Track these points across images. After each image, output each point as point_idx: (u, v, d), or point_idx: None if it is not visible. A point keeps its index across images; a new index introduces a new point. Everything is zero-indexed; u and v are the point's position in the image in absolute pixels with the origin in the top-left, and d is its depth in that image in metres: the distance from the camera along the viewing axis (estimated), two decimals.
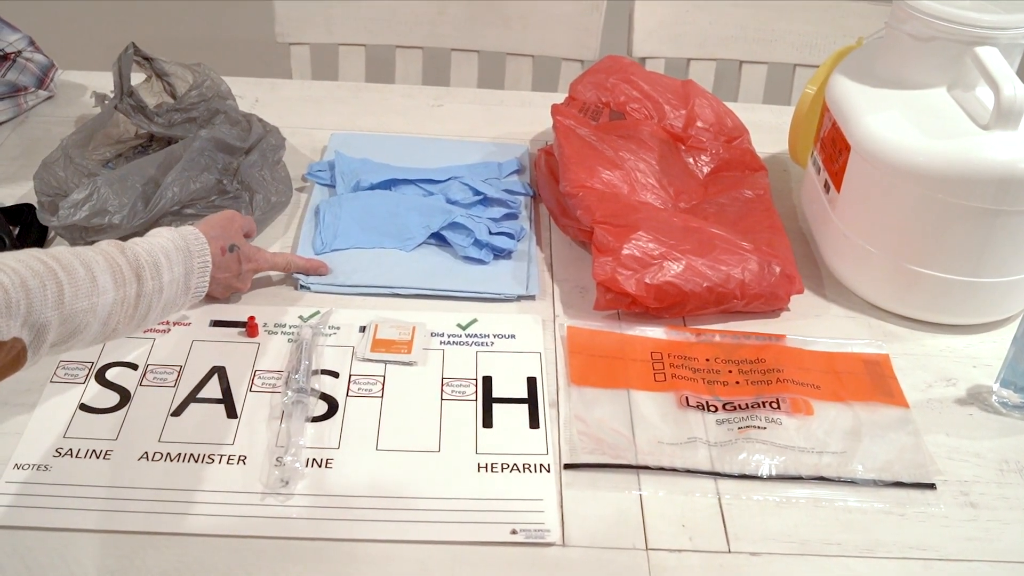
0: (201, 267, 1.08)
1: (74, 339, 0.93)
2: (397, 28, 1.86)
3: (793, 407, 1.08)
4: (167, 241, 1.04)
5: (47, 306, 0.87)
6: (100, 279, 0.94)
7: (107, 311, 0.94)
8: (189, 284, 1.06)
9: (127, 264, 0.97)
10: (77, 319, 0.91)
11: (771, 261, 1.20)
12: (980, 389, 1.14)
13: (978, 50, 1.14)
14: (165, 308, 1.03)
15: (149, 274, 0.99)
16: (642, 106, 1.43)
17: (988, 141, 1.12)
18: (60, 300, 0.89)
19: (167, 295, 1.02)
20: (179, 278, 1.04)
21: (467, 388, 1.09)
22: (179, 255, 1.04)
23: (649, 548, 0.94)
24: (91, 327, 0.93)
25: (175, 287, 1.03)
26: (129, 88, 1.36)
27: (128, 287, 0.97)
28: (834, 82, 1.29)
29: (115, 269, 0.96)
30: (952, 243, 1.16)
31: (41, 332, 0.87)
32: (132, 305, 0.97)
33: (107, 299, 0.94)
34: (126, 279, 0.97)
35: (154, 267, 1.00)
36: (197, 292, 1.09)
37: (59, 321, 0.89)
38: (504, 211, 1.34)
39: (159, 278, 1.00)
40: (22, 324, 0.86)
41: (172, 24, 2.60)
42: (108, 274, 0.95)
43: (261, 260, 1.21)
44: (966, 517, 0.99)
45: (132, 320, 0.99)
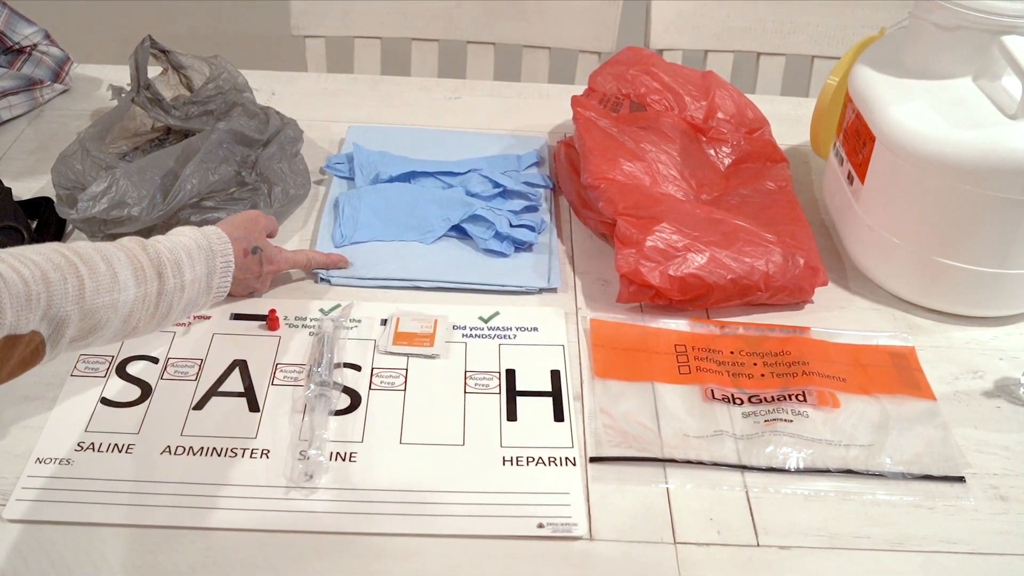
0: (224, 267, 1.06)
1: (94, 335, 0.92)
2: (413, 21, 1.85)
3: (819, 400, 1.07)
4: (190, 240, 1.03)
5: (67, 300, 0.86)
6: (121, 275, 0.92)
7: (128, 308, 0.93)
8: (211, 284, 1.05)
9: (148, 262, 0.96)
10: (97, 315, 0.90)
11: (795, 253, 1.19)
12: (1007, 382, 1.13)
13: (1004, 39, 1.13)
14: (186, 307, 1.02)
15: (171, 272, 0.98)
16: (662, 97, 1.41)
17: (1016, 131, 1.10)
18: (81, 295, 0.88)
19: (188, 294, 1.01)
20: (201, 277, 1.03)
21: (490, 381, 1.08)
22: (202, 254, 1.03)
23: (677, 542, 0.93)
24: (111, 323, 0.92)
25: (197, 286, 1.02)
26: (146, 81, 1.35)
27: (149, 284, 0.96)
28: (857, 73, 1.28)
29: (136, 266, 0.95)
30: (979, 234, 1.15)
31: (60, 326, 0.87)
32: (153, 303, 0.96)
33: (128, 296, 0.93)
34: (147, 276, 0.95)
35: (176, 265, 0.99)
36: (219, 292, 1.07)
37: (79, 316, 0.88)
38: (524, 203, 1.33)
39: (181, 276, 0.99)
40: (41, 317, 0.85)
41: (187, 18, 2.59)
42: (129, 271, 0.94)
43: (282, 261, 1.19)
44: (996, 511, 0.98)
45: (153, 318, 0.98)
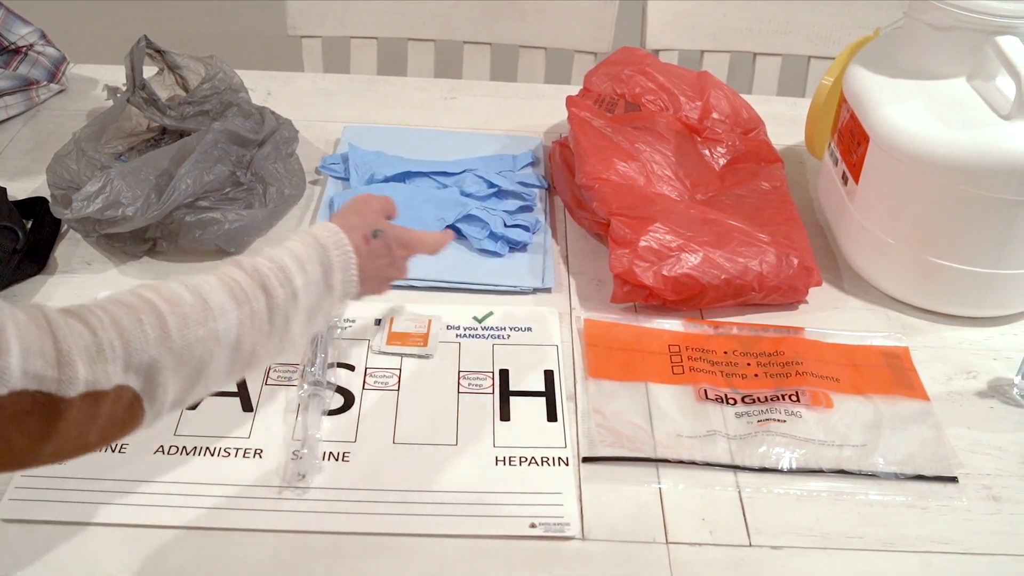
0: (342, 260, 0.94)
1: (203, 376, 0.81)
2: (409, 21, 1.85)
3: (813, 400, 1.07)
4: (295, 244, 0.93)
5: (148, 343, 0.76)
6: (214, 301, 0.82)
7: (234, 335, 0.82)
8: (331, 282, 0.93)
9: (247, 278, 0.86)
10: (195, 351, 0.79)
11: (789, 253, 1.19)
12: (1001, 382, 1.13)
13: (998, 39, 1.13)
14: (310, 315, 0.90)
15: (277, 282, 0.87)
16: (657, 97, 1.42)
17: (1009, 131, 1.10)
18: (165, 334, 0.77)
19: (305, 300, 0.89)
20: (316, 279, 0.91)
21: (484, 381, 1.09)
22: (311, 252, 0.92)
23: (670, 542, 0.93)
24: (218, 357, 0.81)
25: (314, 289, 0.91)
26: (141, 81, 1.35)
27: (254, 302, 0.84)
28: (852, 73, 1.28)
29: (232, 287, 0.84)
30: (973, 234, 1.15)
31: (152, 374, 0.76)
32: (265, 321, 0.85)
33: (229, 321, 0.82)
34: (248, 295, 0.84)
35: (281, 273, 0.88)
36: (345, 289, 0.95)
37: (173, 359, 0.77)
38: (519, 203, 1.34)
39: (290, 284, 0.88)
40: (124, 368, 0.75)
41: (184, 18, 2.59)
42: (224, 293, 0.83)
43: (414, 242, 1.07)
44: (989, 511, 0.98)
45: (271, 337, 0.86)
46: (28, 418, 0.69)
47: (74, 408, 0.71)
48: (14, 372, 0.68)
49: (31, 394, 0.69)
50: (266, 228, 1.30)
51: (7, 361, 0.68)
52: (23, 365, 0.68)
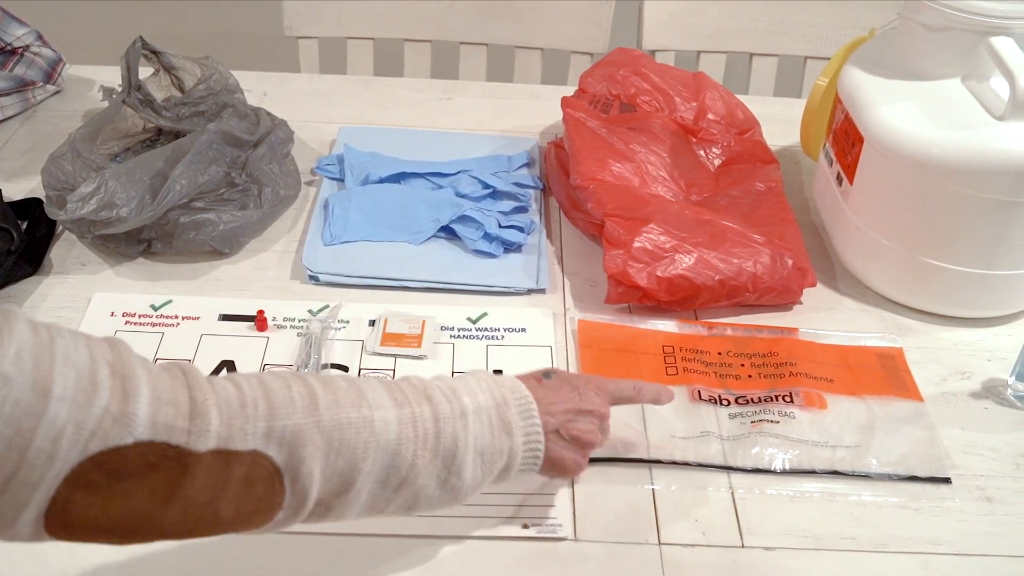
0: (519, 401, 0.83)
1: (355, 482, 0.72)
2: (406, 21, 1.85)
3: (806, 401, 1.07)
4: (465, 376, 0.84)
5: (295, 409, 0.70)
6: (370, 393, 0.76)
7: (394, 435, 0.74)
8: (507, 418, 0.81)
9: (408, 385, 0.79)
10: (347, 437, 0.72)
11: (783, 254, 1.19)
12: (995, 383, 1.13)
13: (993, 40, 1.13)
14: (482, 452, 0.79)
15: (442, 395, 0.79)
16: (653, 98, 1.42)
17: (1003, 132, 1.10)
18: (313, 404, 0.71)
19: (476, 429, 0.79)
20: (487, 407, 0.81)
21: None
22: (481, 384, 0.83)
23: (662, 543, 0.93)
24: (371, 455, 0.73)
25: (486, 419, 0.80)
26: (137, 82, 1.35)
27: (416, 406, 0.77)
28: (846, 74, 1.28)
29: (391, 387, 0.78)
30: (967, 235, 1.15)
31: (296, 448, 0.69)
32: (431, 433, 0.76)
33: (387, 415, 0.75)
34: (409, 398, 0.77)
35: (449, 390, 0.80)
36: (529, 441, 0.83)
37: (321, 438, 0.71)
38: (514, 204, 1.34)
39: (456, 401, 0.79)
40: (266, 433, 0.68)
41: (180, 18, 2.59)
42: (382, 390, 0.77)
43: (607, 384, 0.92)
44: (982, 512, 0.98)
45: (436, 458, 0.76)
46: (153, 474, 0.65)
47: (202, 465, 0.66)
48: (141, 420, 0.64)
49: (159, 446, 0.64)
50: (261, 229, 1.30)
51: (135, 407, 0.64)
52: (152, 414, 0.64)
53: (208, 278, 1.23)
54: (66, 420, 0.62)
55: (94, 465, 0.63)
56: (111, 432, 0.63)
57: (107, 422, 0.63)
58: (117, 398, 0.64)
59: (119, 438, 0.63)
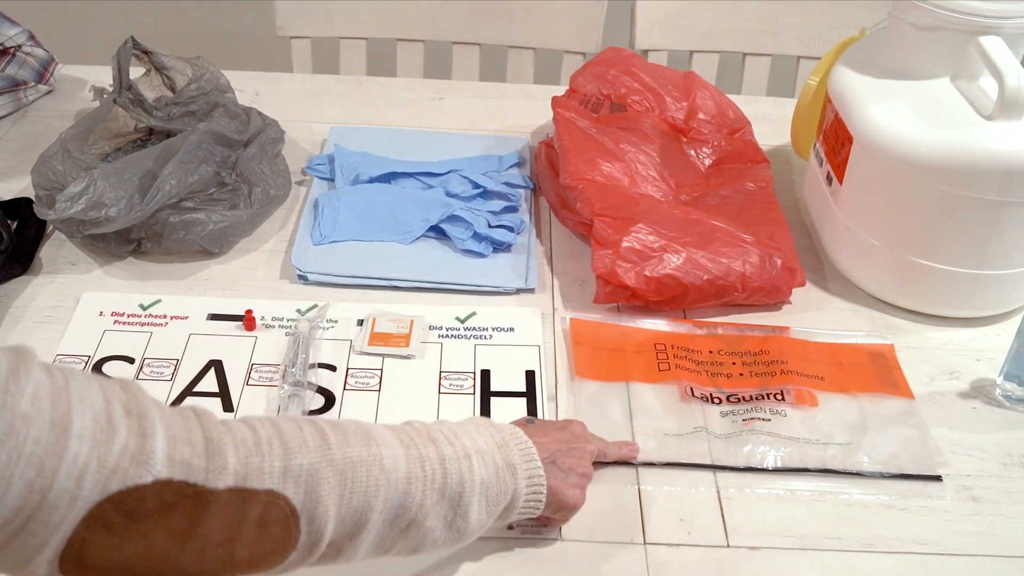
0: (519, 444, 0.85)
1: (368, 521, 0.73)
2: (398, 21, 1.85)
3: (798, 399, 1.07)
4: (463, 421, 0.85)
5: (308, 449, 0.70)
6: (377, 433, 0.76)
7: (403, 473, 0.75)
8: (510, 459, 0.82)
9: (413, 429, 0.80)
10: (359, 474, 0.72)
11: (772, 253, 1.19)
12: (984, 382, 1.13)
13: (982, 39, 1.13)
14: (487, 493, 0.80)
15: (444, 438, 0.80)
16: (643, 98, 1.41)
17: (992, 132, 1.10)
18: (325, 444, 0.71)
19: (480, 470, 0.80)
20: (489, 449, 0.82)
21: (465, 382, 1.08)
22: (480, 429, 0.84)
23: (647, 542, 0.93)
24: (383, 493, 0.73)
25: (488, 461, 0.81)
26: (128, 82, 1.35)
27: (422, 447, 0.77)
28: (836, 73, 1.28)
29: (395, 428, 0.79)
30: (956, 235, 1.15)
31: (312, 487, 0.69)
32: (439, 473, 0.77)
33: (394, 453, 0.75)
34: (414, 439, 0.78)
35: (450, 432, 0.81)
36: (530, 475, 0.84)
37: (335, 475, 0.71)
38: (504, 204, 1.33)
39: (459, 443, 0.80)
40: (282, 473, 0.68)
41: (174, 19, 2.59)
42: (387, 431, 0.78)
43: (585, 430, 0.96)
44: (968, 512, 0.98)
45: (443, 499, 0.77)
46: (171, 513, 0.64)
47: (220, 503, 0.65)
48: (159, 458, 0.63)
49: (176, 485, 0.64)
50: (251, 229, 1.29)
51: (153, 445, 0.63)
52: (169, 452, 0.64)
53: (197, 278, 1.23)
54: (88, 458, 0.61)
55: (112, 505, 0.62)
56: (130, 471, 0.62)
57: (126, 460, 0.62)
58: (135, 436, 0.63)
59: (138, 477, 0.62)
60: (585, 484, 0.90)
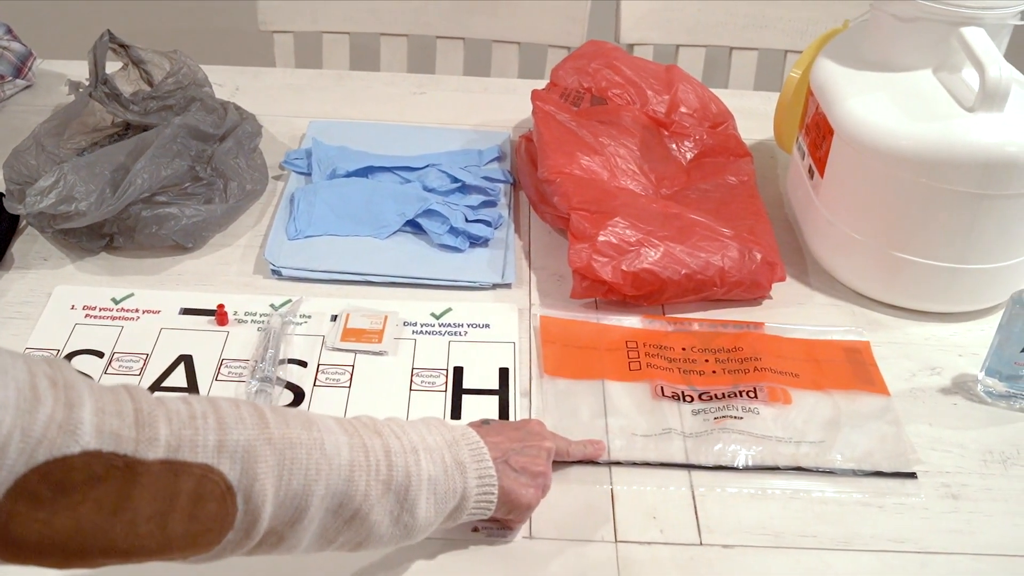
0: (470, 443, 0.83)
1: (308, 508, 0.70)
2: (381, 16, 1.83)
3: (771, 396, 1.05)
4: (413, 420, 0.84)
5: (244, 425, 0.68)
6: (319, 420, 0.74)
7: (346, 460, 0.73)
8: (460, 458, 0.81)
9: (359, 421, 0.78)
10: (298, 455, 0.70)
11: (752, 248, 1.17)
12: (965, 378, 1.11)
13: (963, 31, 1.12)
14: (435, 490, 0.78)
15: (392, 432, 0.78)
16: (624, 91, 1.40)
17: (973, 124, 1.09)
18: (262, 423, 0.69)
19: (428, 466, 0.78)
20: (438, 446, 0.80)
21: (437, 379, 1.07)
22: (431, 428, 0.82)
23: (619, 540, 0.91)
24: (323, 479, 0.71)
25: (437, 458, 0.79)
26: (104, 76, 1.34)
27: (365, 437, 0.75)
28: (819, 66, 1.26)
29: (340, 420, 0.77)
30: (937, 229, 1.13)
31: (249, 464, 0.67)
32: (384, 465, 0.75)
33: (337, 439, 0.73)
34: (358, 430, 0.76)
35: (398, 428, 0.79)
36: (481, 475, 0.82)
37: (273, 454, 0.68)
38: (482, 198, 1.32)
39: (405, 437, 0.78)
40: (217, 446, 0.66)
41: (157, 14, 2.57)
42: (330, 420, 0.76)
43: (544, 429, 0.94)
44: (946, 509, 0.96)
45: (388, 491, 0.75)
46: (101, 485, 0.62)
47: (150, 475, 0.63)
48: (87, 428, 0.61)
49: (105, 456, 0.62)
50: (226, 223, 1.28)
51: (80, 415, 0.61)
52: (97, 423, 0.62)
53: (171, 272, 1.21)
54: (11, 427, 0.59)
55: (39, 476, 0.60)
56: (57, 440, 0.60)
57: (52, 430, 0.60)
58: (61, 407, 0.61)
59: (65, 447, 0.61)
60: (540, 483, 0.88)
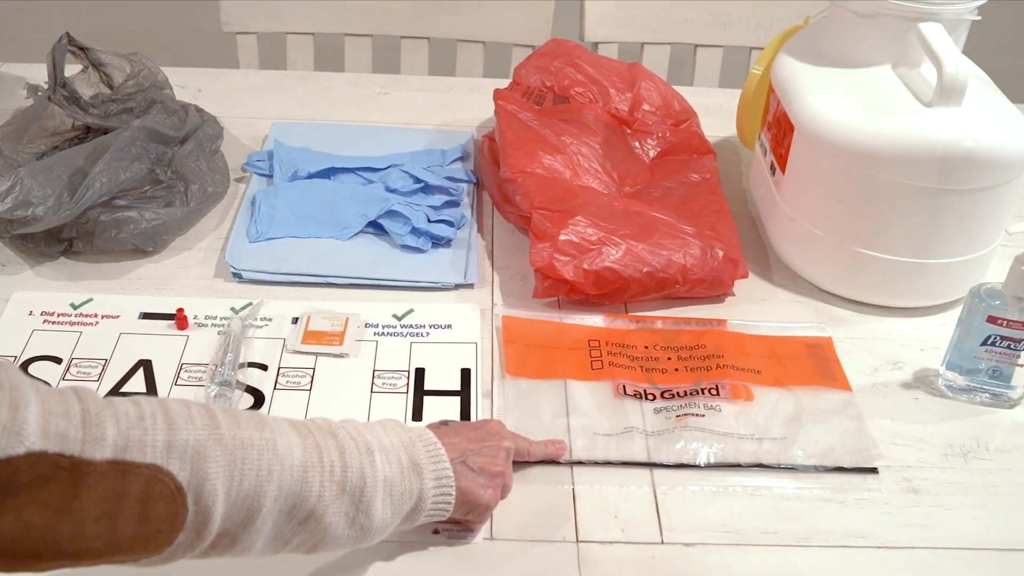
0: (427, 444, 0.83)
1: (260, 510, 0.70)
2: (345, 16, 1.83)
3: (733, 393, 1.05)
4: (370, 422, 0.83)
5: (195, 426, 0.68)
6: (271, 421, 0.74)
7: (299, 460, 0.72)
8: (416, 459, 0.80)
9: (313, 424, 0.78)
10: (249, 456, 0.69)
11: (714, 245, 1.17)
12: (927, 372, 1.12)
13: (921, 26, 1.12)
14: (391, 491, 0.78)
15: (347, 434, 0.77)
16: (587, 90, 1.40)
17: (931, 119, 1.09)
18: (213, 423, 0.69)
19: (384, 467, 0.77)
20: (394, 447, 0.80)
21: (398, 380, 1.06)
22: (387, 429, 0.82)
23: (580, 540, 0.91)
24: (276, 479, 0.70)
25: (393, 459, 0.79)
26: (63, 79, 1.33)
27: (320, 438, 0.75)
28: (779, 63, 1.27)
29: (294, 421, 0.76)
30: (897, 224, 1.13)
31: (199, 464, 0.66)
32: (338, 466, 0.74)
33: (290, 440, 0.73)
34: (313, 432, 0.75)
35: (353, 429, 0.79)
36: (438, 476, 0.82)
37: (223, 454, 0.68)
38: (445, 198, 1.31)
39: (360, 438, 0.78)
40: (166, 447, 0.65)
41: (118, 15, 2.55)
42: (284, 421, 0.75)
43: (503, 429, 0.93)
44: (907, 503, 0.96)
45: (343, 492, 0.74)
46: (47, 487, 0.61)
47: (97, 475, 0.63)
48: (32, 429, 0.60)
49: (51, 457, 0.61)
50: (187, 227, 1.27)
51: (25, 416, 0.60)
52: (43, 423, 0.61)
53: (131, 277, 1.20)
54: None
55: None
56: (1, 441, 0.60)
57: None
58: (6, 408, 0.61)
59: (10, 448, 0.60)
60: (499, 483, 0.88)
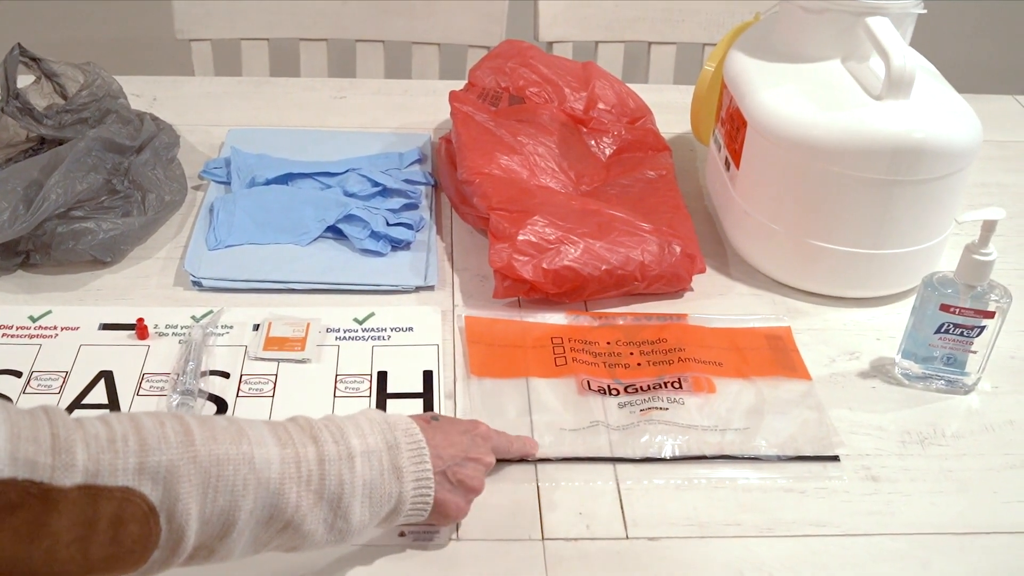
0: (411, 445, 0.82)
1: (235, 521, 0.70)
2: (299, 20, 1.83)
3: (695, 386, 1.06)
4: (355, 415, 0.83)
5: (169, 445, 0.67)
6: (251, 430, 0.73)
7: (276, 473, 0.72)
8: (398, 463, 0.81)
9: (294, 426, 0.78)
10: (225, 473, 0.69)
11: (671, 241, 1.18)
12: (883, 361, 1.13)
13: (869, 20, 1.14)
14: (370, 495, 0.78)
15: (330, 436, 0.77)
16: (542, 90, 1.41)
17: (880, 111, 1.11)
18: (188, 440, 0.69)
19: (364, 471, 0.78)
20: (376, 449, 0.79)
21: (361, 384, 1.07)
22: (374, 427, 0.81)
23: (545, 538, 0.92)
24: (252, 493, 0.71)
25: (375, 462, 0.79)
26: (15, 90, 1.32)
27: (300, 447, 0.75)
28: (731, 59, 1.28)
29: (275, 427, 0.77)
30: (850, 216, 1.15)
31: (171, 484, 0.67)
32: (316, 475, 0.75)
33: (268, 453, 0.73)
34: (294, 438, 0.75)
35: (337, 430, 0.79)
36: (419, 484, 0.82)
37: (197, 473, 0.68)
38: (404, 201, 1.32)
39: (344, 442, 0.78)
40: (137, 468, 0.65)
41: (71, 25, 2.53)
42: (265, 429, 0.75)
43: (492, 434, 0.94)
44: (867, 491, 0.98)
45: (321, 500, 0.75)
46: (16, 513, 0.61)
47: (68, 501, 0.63)
48: (1, 456, 0.61)
49: (20, 484, 0.61)
50: (145, 236, 1.27)
51: None
52: (12, 449, 0.61)
53: (89, 288, 1.20)
54: None
55: None
56: None
57: None
58: None
59: None
60: (472, 498, 0.89)
